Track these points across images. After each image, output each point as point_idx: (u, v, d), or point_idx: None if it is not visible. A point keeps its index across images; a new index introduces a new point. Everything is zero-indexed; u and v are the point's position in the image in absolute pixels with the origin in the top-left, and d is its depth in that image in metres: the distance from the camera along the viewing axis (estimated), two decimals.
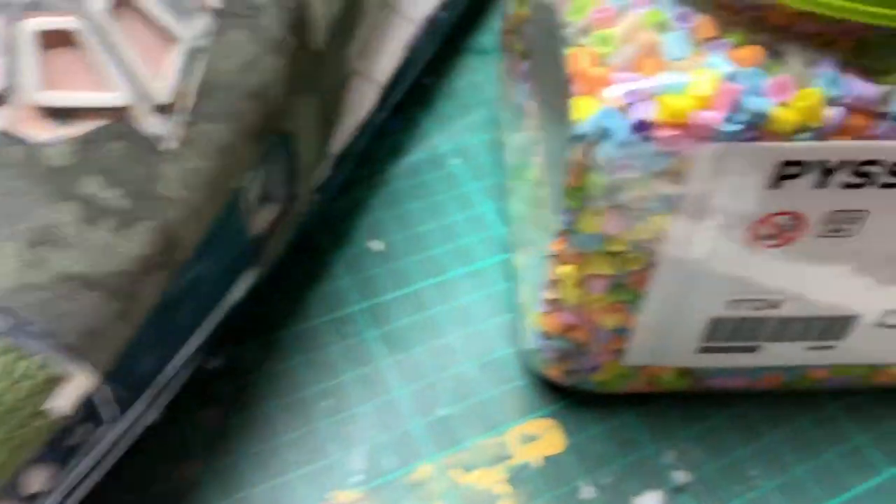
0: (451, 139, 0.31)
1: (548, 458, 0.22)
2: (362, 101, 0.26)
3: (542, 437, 0.23)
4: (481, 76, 0.33)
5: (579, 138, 0.16)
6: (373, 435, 0.23)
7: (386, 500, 0.22)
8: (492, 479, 0.22)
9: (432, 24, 0.29)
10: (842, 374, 0.23)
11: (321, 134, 0.24)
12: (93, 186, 0.18)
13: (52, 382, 0.18)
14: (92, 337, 0.18)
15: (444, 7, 0.30)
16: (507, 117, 0.28)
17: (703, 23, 0.16)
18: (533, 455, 0.22)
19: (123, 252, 0.18)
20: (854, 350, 0.21)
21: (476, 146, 0.31)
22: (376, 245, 0.27)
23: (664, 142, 0.15)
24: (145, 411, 0.21)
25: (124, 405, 0.20)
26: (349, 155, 0.26)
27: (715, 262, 0.18)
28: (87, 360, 0.18)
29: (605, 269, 0.19)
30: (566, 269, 0.19)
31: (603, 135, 0.16)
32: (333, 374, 0.24)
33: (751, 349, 0.21)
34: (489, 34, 0.35)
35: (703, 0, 0.16)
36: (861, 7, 0.14)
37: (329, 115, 0.24)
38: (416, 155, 0.30)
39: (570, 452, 0.22)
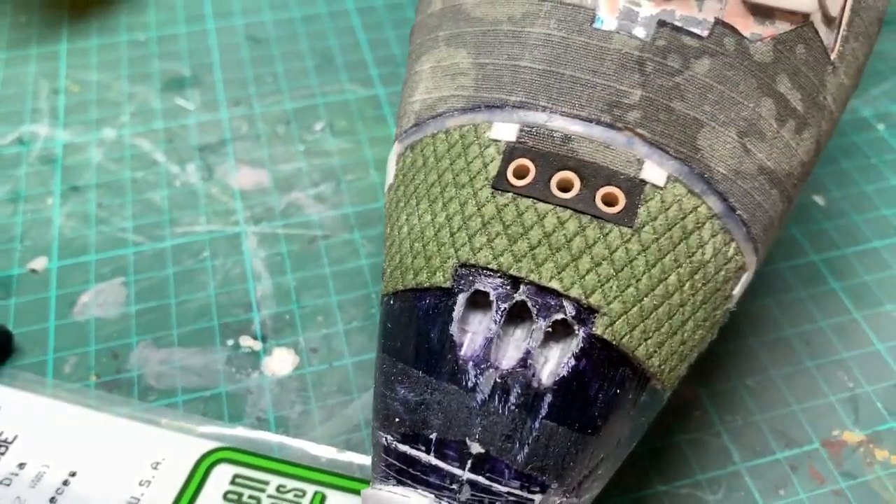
0: (870, 104, 0.32)
1: None
2: None
3: None
4: (890, 46, 0.35)
5: None
6: (861, 383, 0.25)
7: (891, 446, 0.24)
8: None
9: None
10: None
11: None
12: (784, 86, 0.19)
13: (740, 271, 0.19)
14: (766, 233, 0.19)
15: None
16: None
17: None
18: None
19: (796, 155, 0.19)
20: None
21: None
22: (819, 199, 0.30)
23: None
24: None
25: None
26: None
27: None
28: (758, 255, 0.19)
29: None
30: None
31: None
32: (810, 320, 0.27)
33: None
34: None
35: None
36: None
37: None
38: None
39: None
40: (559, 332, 0.17)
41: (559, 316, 0.17)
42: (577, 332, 0.17)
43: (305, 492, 0.23)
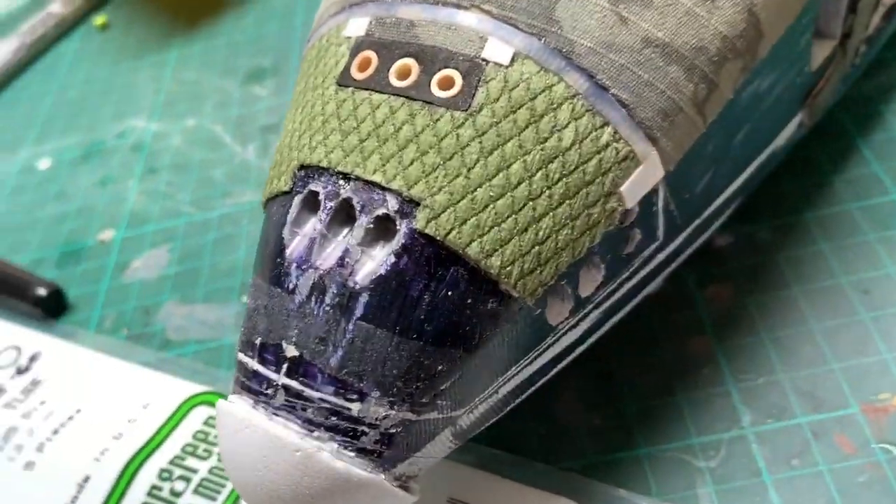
0: None
1: None
2: None
3: None
4: None
5: None
6: None
7: None
8: None
9: None
10: None
11: None
12: None
13: (628, 162, 0.16)
14: (666, 119, 0.16)
15: None
16: None
17: None
18: None
19: (707, 26, 0.16)
20: None
21: None
22: None
23: None
24: (680, 253, 0.19)
25: (674, 228, 0.18)
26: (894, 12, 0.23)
27: None
28: (658, 146, 0.16)
29: None
30: None
31: None
32: (874, 266, 0.22)
33: None
34: None
35: None
36: None
37: None
38: None
39: None
40: (389, 229, 0.16)
41: (382, 211, 0.15)
42: (398, 227, 0.15)
43: None
